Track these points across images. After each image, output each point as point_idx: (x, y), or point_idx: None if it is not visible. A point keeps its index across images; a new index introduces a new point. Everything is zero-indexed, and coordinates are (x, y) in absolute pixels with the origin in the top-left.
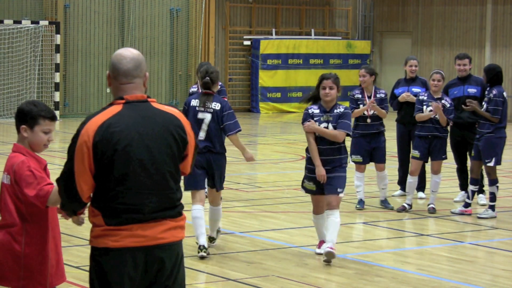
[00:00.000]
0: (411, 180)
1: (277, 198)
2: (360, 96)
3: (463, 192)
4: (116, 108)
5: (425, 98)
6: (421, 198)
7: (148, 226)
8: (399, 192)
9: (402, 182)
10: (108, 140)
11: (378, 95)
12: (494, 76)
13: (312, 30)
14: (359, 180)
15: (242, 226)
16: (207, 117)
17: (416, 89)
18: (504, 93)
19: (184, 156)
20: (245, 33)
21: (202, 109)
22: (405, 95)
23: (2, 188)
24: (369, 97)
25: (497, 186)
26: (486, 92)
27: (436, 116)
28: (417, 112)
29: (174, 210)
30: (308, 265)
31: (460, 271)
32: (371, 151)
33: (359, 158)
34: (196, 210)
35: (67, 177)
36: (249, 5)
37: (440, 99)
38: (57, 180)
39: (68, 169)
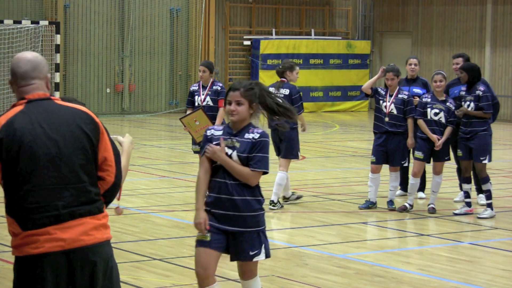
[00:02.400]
0: (414, 182)
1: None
2: (383, 93)
3: (463, 192)
4: (18, 108)
5: (429, 100)
6: (421, 198)
7: (66, 227)
8: (399, 192)
9: (402, 182)
10: (12, 136)
11: (400, 95)
12: (476, 73)
13: (312, 30)
14: (371, 181)
15: None
16: None
17: (416, 90)
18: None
19: (98, 148)
20: (245, 33)
21: (277, 93)
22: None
23: None
24: (391, 96)
25: (490, 183)
26: (464, 92)
27: (441, 118)
28: (419, 115)
29: (92, 205)
30: (308, 265)
31: (460, 271)
32: (386, 151)
33: (373, 158)
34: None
35: None
36: (249, 5)
37: (445, 101)
38: None
39: None
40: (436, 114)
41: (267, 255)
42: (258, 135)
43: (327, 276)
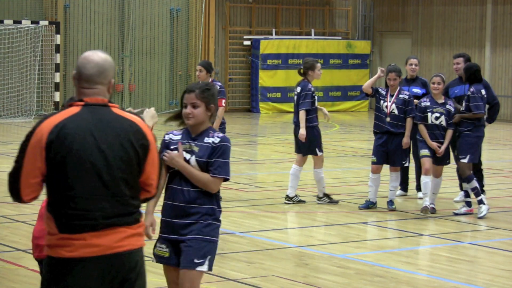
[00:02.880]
0: (427, 180)
1: (277, 198)
2: (383, 93)
3: (463, 192)
4: (73, 110)
5: (428, 104)
6: (421, 198)
7: (103, 234)
8: (399, 192)
9: (402, 182)
10: (62, 141)
11: (401, 95)
12: (471, 75)
13: (312, 30)
14: (372, 182)
15: (242, 226)
16: (295, 97)
17: (416, 90)
18: (482, 91)
19: (144, 164)
20: (245, 33)
21: (294, 91)
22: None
23: None
24: (392, 96)
25: (475, 179)
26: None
27: (442, 122)
28: (419, 120)
29: (130, 216)
30: (308, 265)
31: (460, 271)
32: (387, 152)
33: (373, 159)
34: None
35: (13, 174)
36: (249, 5)
37: (444, 103)
38: (8, 174)
39: (17, 167)
40: (437, 118)
41: (210, 269)
42: (218, 139)
43: (327, 276)
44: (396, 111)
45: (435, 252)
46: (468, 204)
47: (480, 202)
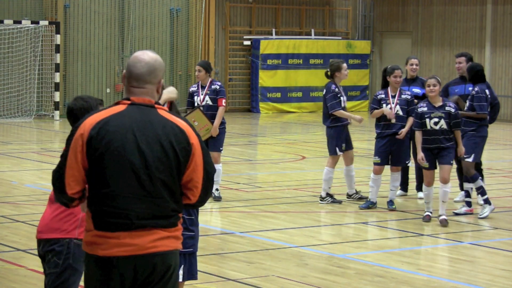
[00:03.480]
0: (427, 192)
1: (277, 198)
2: (383, 96)
3: (463, 192)
4: (119, 108)
5: (425, 109)
6: (421, 198)
7: (137, 235)
8: (399, 192)
9: (402, 182)
10: (102, 137)
11: (403, 96)
12: (474, 74)
13: (312, 30)
14: (373, 182)
15: (242, 226)
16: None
17: (416, 89)
18: (487, 91)
19: (186, 168)
20: (245, 33)
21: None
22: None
23: None
24: (393, 97)
25: (481, 178)
26: (469, 91)
27: (442, 126)
28: (417, 127)
29: (166, 220)
30: (308, 265)
31: (460, 271)
32: (390, 152)
33: (377, 159)
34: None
35: (58, 168)
36: (249, 5)
37: (443, 106)
38: (53, 170)
39: (62, 161)
40: (436, 123)
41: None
42: None
43: (327, 276)
44: (400, 112)
45: (435, 252)
46: (468, 204)
47: (486, 201)
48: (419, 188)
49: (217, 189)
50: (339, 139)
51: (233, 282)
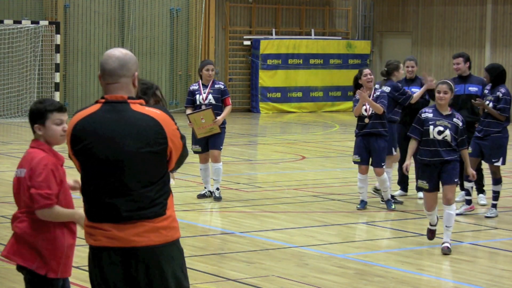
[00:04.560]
0: (431, 217)
1: (277, 198)
2: (358, 96)
3: (463, 192)
4: (95, 107)
5: (431, 116)
6: (421, 198)
7: (123, 227)
8: (399, 192)
9: (402, 182)
10: (80, 137)
11: (375, 95)
12: (497, 75)
13: (312, 30)
14: (361, 182)
15: (242, 226)
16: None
17: (415, 89)
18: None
19: (166, 158)
20: (245, 33)
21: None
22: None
23: (18, 183)
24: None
25: (501, 185)
26: (487, 91)
27: (446, 137)
28: (416, 135)
29: (148, 210)
30: (308, 265)
31: (460, 271)
32: (369, 153)
33: (357, 158)
34: None
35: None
36: (249, 5)
37: (451, 116)
38: None
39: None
40: (440, 132)
41: None
42: None
43: (327, 276)
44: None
45: (435, 252)
46: (468, 202)
47: (494, 206)
48: (419, 188)
49: (217, 189)
50: (396, 137)
51: (233, 282)
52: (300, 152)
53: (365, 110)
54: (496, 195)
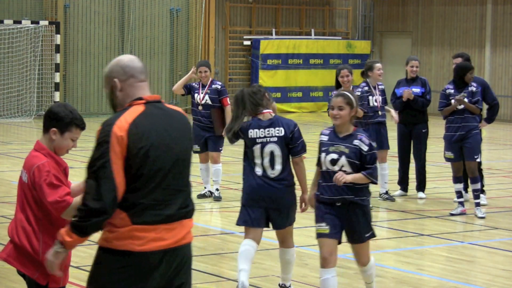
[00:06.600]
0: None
1: None
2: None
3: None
4: (139, 108)
5: (325, 140)
6: (421, 198)
7: (173, 227)
8: (399, 192)
9: (402, 182)
10: (141, 137)
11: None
12: (460, 72)
13: (312, 30)
14: None
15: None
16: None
17: (416, 89)
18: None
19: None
20: (245, 33)
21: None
22: (406, 93)
23: (21, 185)
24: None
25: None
26: (453, 90)
27: (345, 167)
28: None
29: (192, 207)
30: (308, 265)
31: (460, 271)
32: None
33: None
34: None
35: (104, 179)
36: (249, 5)
37: (351, 137)
38: (90, 187)
39: (105, 171)
40: (334, 161)
41: None
42: None
43: None
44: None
45: (435, 252)
46: (462, 204)
47: (478, 204)
48: (419, 188)
49: (217, 189)
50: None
51: (233, 282)
52: None
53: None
54: (477, 194)
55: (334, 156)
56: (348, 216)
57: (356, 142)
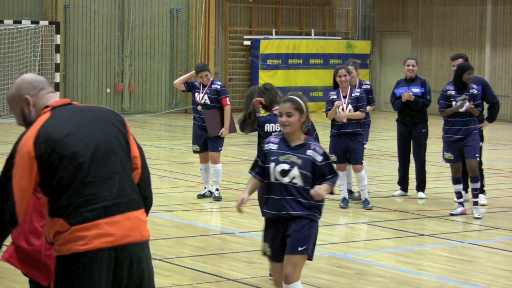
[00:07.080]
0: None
1: None
2: (335, 97)
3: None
4: (45, 116)
5: (274, 149)
6: (421, 198)
7: (116, 220)
8: (399, 192)
9: (402, 182)
10: (50, 141)
11: (353, 94)
12: (459, 73)
13: (312, 30)
14: (340, 179)
15: (242, 226)
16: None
17: (415, 89)
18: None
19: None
20: (245, 33)
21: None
22: (406, 95)
23: None
24: (345, 97)
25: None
26: (454, 92)
27: (295, 180)
28: (256, 171)
29: (136, 197)
30: (308, 265)
31: (460, 271)
32: (346, 152)
33: (334, 158)
34: None
35: (4, 197)
36: (249, 5)
37: (304, 147)
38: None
39: (5, 188)
40: (284, 172)
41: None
42: None
43: (327, 276)
44: (352, 111)
45: (435, 252)
46: (461, 204)
47: (476, 203)
48: (419, 188)
49: (217, 189)
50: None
51: (233, 282)
52: None
53: (342, 109)
54: (476, 193)
55: (285, 166)
56: (288, 226)
57: (309, 152)
